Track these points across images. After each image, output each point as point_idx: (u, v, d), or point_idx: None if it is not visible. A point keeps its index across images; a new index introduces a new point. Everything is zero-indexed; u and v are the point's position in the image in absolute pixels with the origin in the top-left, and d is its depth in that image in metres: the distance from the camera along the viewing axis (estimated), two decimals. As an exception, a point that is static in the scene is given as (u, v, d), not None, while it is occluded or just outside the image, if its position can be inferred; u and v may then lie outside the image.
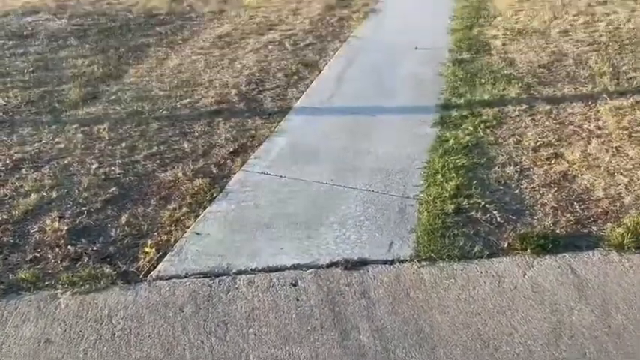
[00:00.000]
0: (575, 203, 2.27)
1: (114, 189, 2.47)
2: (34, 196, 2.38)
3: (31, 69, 4.03)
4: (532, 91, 3.58)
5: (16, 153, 2.81)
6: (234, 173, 2.61)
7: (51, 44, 4.64)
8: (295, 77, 3.99)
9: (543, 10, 5.60)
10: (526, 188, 2.40)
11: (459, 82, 3.74)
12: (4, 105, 3.45)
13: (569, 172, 2.51)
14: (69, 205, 2.34)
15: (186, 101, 3.54)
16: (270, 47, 4.70)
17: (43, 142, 2.94)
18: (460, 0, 6.29)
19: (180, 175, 2.57)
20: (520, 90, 3.58)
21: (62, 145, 2.89)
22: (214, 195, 2.40)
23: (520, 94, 3.51)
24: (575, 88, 3.61)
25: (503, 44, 4.58)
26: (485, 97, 3.50)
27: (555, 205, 2.25)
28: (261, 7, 6.17)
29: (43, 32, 4.95)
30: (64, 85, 3.77)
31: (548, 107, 3.27)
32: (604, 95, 3.41)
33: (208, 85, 3.83)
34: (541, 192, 2.36)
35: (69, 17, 5.48)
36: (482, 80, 3.76)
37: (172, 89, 3.73)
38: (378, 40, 4.97)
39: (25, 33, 4.90)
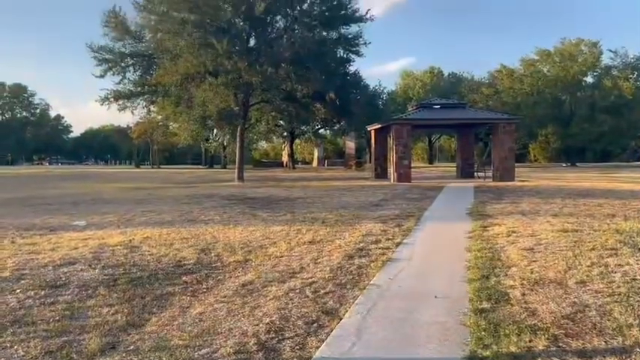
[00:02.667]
0: None
1: None
2: None
3: (57, 318, 4.11)
4: (560, 344, 3.46)
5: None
6: None
7: (80, 293, 4.82)
8: (315, 325, 3.98)
9: (556, 261, 5.81)
10: None
11: (483, 333, 3.67)
12: (23, 356, 3.42)
13: None
14: None
15: (204, 351, 3.48)
16: (291, 295, 4.81)
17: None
18: (472, 250, 6.63)
19: None
20: (547, 342, 3.47)
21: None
22: None
23: (548, 347, 3.39)
24: (605, 342, 3.49)
25: (523, 294, 4.63)
26: (512, 349, 3.38)
27: None
28: (284, 256, 6.53)
29: (75, 282, 5.19)
30: (85, 334, 3.78)
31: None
32: (637, 349, 3.28)
33: (228, 334, 3.81)
34: None
35: (102, 268, 5.81)
36: (507, 331, 3.69)
37: (192, 339, 3.70)
38: (397, 288, 5.06)
39: (58, 283, 5.14)
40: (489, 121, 24.92)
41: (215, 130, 49.04)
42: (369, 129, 28.73)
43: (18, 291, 4.83)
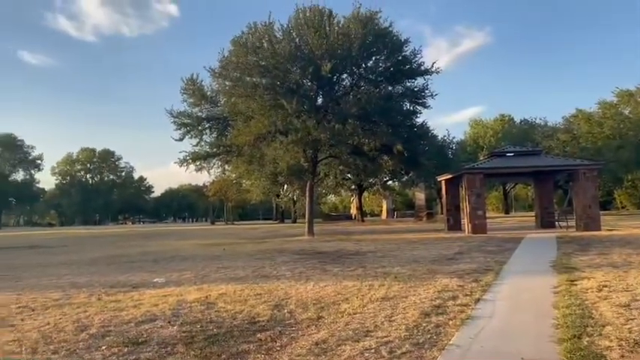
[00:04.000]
0: None
1: None
2: None
3: (139, 375, 4.22)
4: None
5: None
6: None
7: (160, 351, 4.93)
8: (393, 389, 3.79)
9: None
10: None
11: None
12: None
13: None
14: None
15: (279, 414, 3.41)
16: (366, 355, 4.65)
17: None
18: (560, 306, 6.17)
19: None
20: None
21: None
22: None
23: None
24: None
25: (621, 356, 4.20)
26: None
27: None
28: (357, 313, 6.39)
29: (156, 339, 5.34)
30: (164, 393, 3.84)
31: None
32: None
33: (303, 395, 3.72)
34: None
35: (180, 324, 5.95)
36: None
37: (267, 400, 3.64)
38: (480, 349, 4.76)
39: (139, 340, 5.31)
40: (569, 167, 23.71)
41: (285, 186, 50.26)
42: (439, 179, 28.26)
43: (103, 348, 5.03)
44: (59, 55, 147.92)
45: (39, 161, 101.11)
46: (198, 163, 28.81)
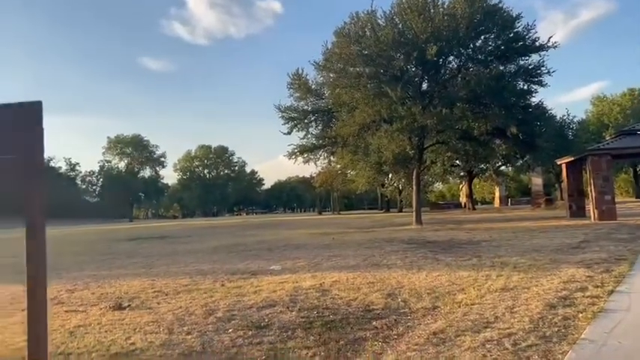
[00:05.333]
0: None
1: None
2: None
3: (264, 357, 4.45)
4: None
5: None
6: None
7: (281, 335, 5.16)
8: (521, 383, 3.60)
9: None
10: None
11: None
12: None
13: None
14: None
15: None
16: (488, 346, 4.47)
17: None
18: None
19: None
20: None
21: None
22: None
23: None
24: None
25: None
26: None
27: None
28: (475, 303, 6.16)
29: (276, 324, 5.59)
30: (288, 374, 4.01)
31: None
32: None
33: (424, 385, 3.67)
34: None
35: (298, 310, 6.18)
36: None
37: (388, 387, 3.65)
38: (617, 345, 4.36)
39: (262, 324, 5.59)
40: None
41: (390, 175, 49.89)
42: (558, 162, 26.25)
43: (230, 330, 5.38)
44: (175, 59, 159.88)
45: (162, 159, 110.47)
46: (305, 155, 29.60)
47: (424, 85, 25.44)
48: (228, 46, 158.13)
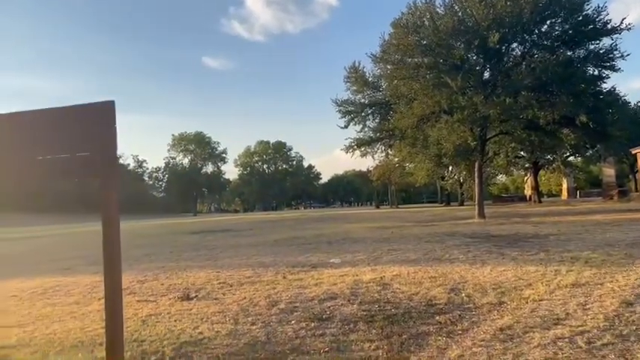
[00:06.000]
0: None
1: None
2: None
3: (326, 349, 4.49)
4: None
5: None
6: None
7: (343, 327, 5.18)
8: (597, 384, 3.43)
9: None
10: None
11: None
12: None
13: None
14: None
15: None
16: (559, 344, 4.29)
17: None
18: None
19: None
20: None
21: None
22: None
23: None
24: None
25: None
26: None
27: None
28: (543, 299, 5.92)
29: (338, 316, 5.62)
30: (351, 367, 4.02)
31: None
32: None
33: (492, 382, 3.57)
34: None
35: (359, 303, 6.17)
36: None
37: (454, 383, 3.58)
38: None
39: (323, 316, 5.64)
40: None
41: (450, 168, 48.74)
42: (633, 152, 24.66)
43: (293, 322, 5.46)
44: (235, 57, 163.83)
45: (224, 155, 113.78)
46: (362, 149, 29.50)
47: (486, 74, 24.61)
48: (284, 42, 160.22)
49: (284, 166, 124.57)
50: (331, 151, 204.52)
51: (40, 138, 4.31)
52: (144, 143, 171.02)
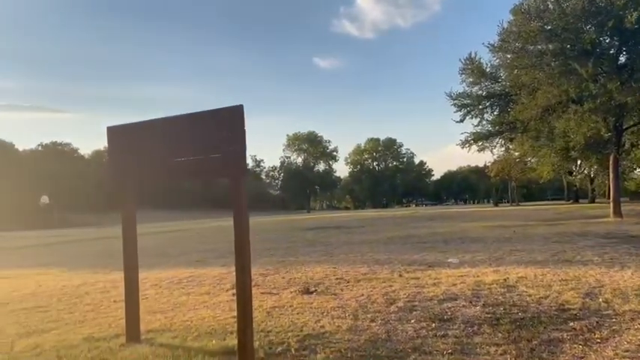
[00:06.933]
0: None
1: None
2: None
3: (449, 351, 4.36)
4: None
5: None
6: None
7: (467, 329, 5.00)
8: None
9: None
10: None
11: None
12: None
13: None
14: None
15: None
16: None
17: None
18: None
19: None
20: None
21: None
22: None
23: None
24: None
25: None
26: None
27: None
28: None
29: (460, 318, 5.43)
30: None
31: None
32: None
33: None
34: None
35: (482, 305, 5.91)
36: None
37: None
38: None
39: (444, 317, 5.49)
40: None
41: (579, 162, 44.73)
42: None
43: (412, 321, 5.39)
44: (344, 56, 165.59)
45: (335, 153, 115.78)
46: (480, 143, 28.18)
47: (622, 58, 22.20)
48: (394, 38, 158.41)
49: (394, 163, 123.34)
50: (443, 147, 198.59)
51: (177, 141, 4.73)
52: (260, 143, 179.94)
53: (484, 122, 27.70)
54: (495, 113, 27.56)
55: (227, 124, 4.32)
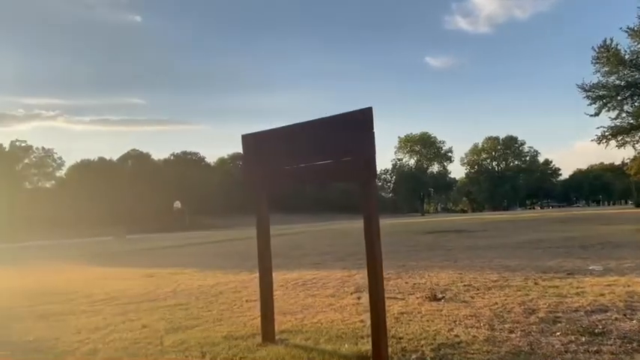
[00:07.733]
0: None
1: None
2: None
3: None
4: None
5: None
6: None
7: (624, 345, 4.45)
8: None
9: None
10: None
11: None
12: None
13: None
14: None
15: None
16: None
17: None
18: None
19: None
20: None
21: None
22: None
23: None
24: None
25: None
26: None
27: None
28: None
29: (614, 332, 4.86)
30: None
31: None
32: None
33: None
34: None
35: (639, 320, 5.24)
36: None
37: None
38: None
39: (595, 330, 4.95)
40: None
41: None
42: None
43: (557, 333, 4.93)
44: (457, 53, 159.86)
45: (449, 154, 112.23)
46: (620, 138, 25.41)
47: None
48: (512, 31, 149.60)
49: (516, 163, 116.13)
50: (570, 144, 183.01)
51: (308, 146, 4.80)
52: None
53: (624, 115, 24.90)
54: (637, 104, 24.65)
55: (357, 127, 4.30)
